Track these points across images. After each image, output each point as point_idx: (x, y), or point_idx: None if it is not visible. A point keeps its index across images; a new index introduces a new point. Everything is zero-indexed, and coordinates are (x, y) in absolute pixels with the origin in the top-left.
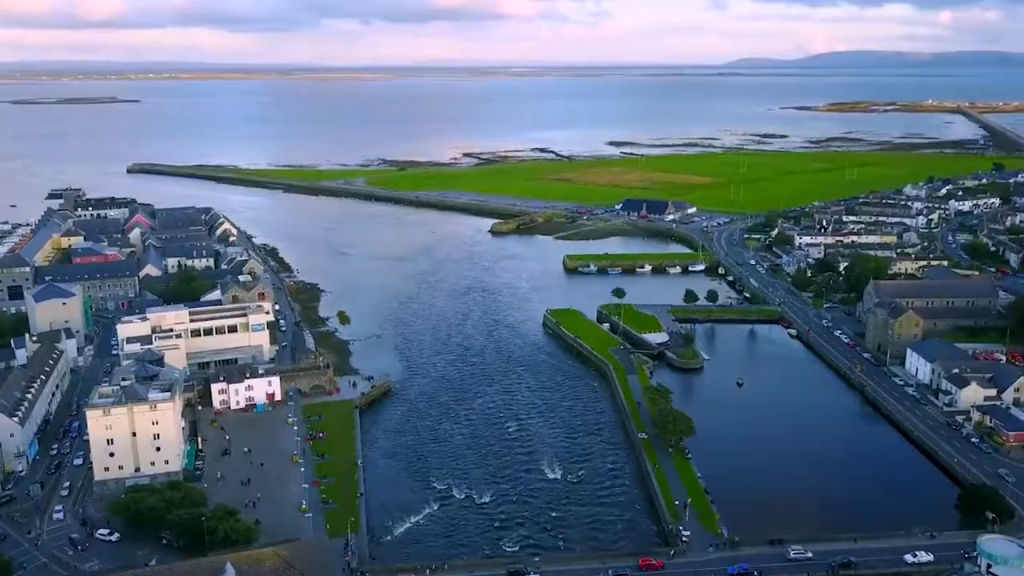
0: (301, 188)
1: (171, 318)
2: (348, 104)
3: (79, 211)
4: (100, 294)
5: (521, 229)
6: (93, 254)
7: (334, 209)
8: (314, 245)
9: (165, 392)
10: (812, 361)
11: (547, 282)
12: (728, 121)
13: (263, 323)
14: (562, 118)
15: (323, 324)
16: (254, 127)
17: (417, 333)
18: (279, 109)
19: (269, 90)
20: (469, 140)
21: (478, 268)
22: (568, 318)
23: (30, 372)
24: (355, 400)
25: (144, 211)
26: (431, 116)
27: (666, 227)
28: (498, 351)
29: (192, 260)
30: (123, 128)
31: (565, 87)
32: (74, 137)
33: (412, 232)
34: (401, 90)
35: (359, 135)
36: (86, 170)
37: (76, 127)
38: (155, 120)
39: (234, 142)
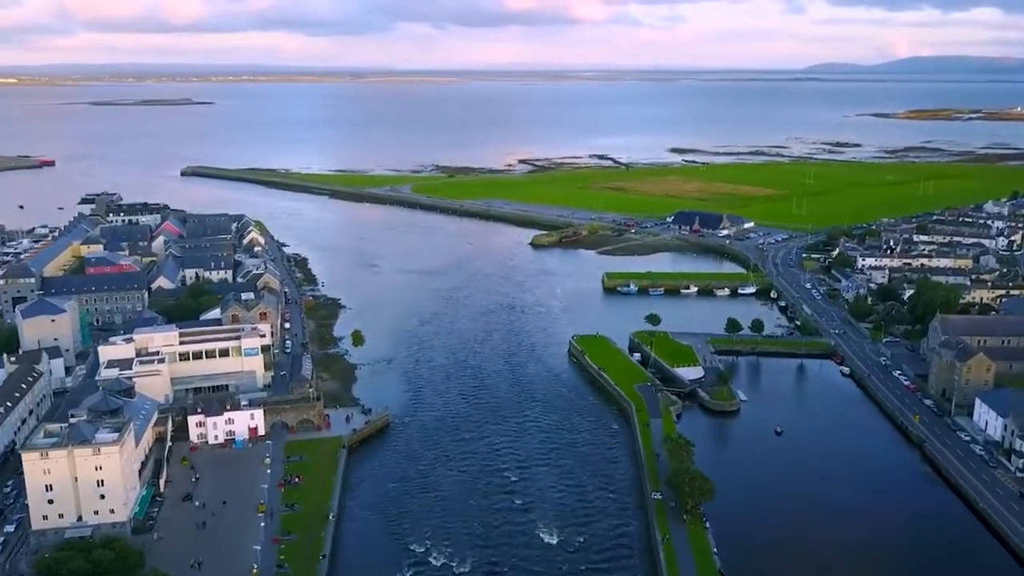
0: (347, 195)
1: (159, 340)
2: (414, 107)
3: (111, 216)
4: (107, 307)
5: (563, 242)
6: (107, 264)
7: (375, 217)
8: (346, 256)
9: (113, 433)
10: (865, 406)
11: (582, 302)
12: (800, 128)
13: (257, 347)
14: (626, 123)
15: (335, 344)
16: (317, 130)
17: (431, 356)
18: (345, 112)
19: (340, 93)
20: (527, 146)
21: (510, 284)
22: (594, 346)
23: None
24: (345, 437)
25: (176, 217)
26: (494, 120)
27: (719, 243)
28: (514, 381)
29: (210, 272)
30: (191, 130)
31: (635, 91)
32: (142, 139)
33: (449, 243)
34: (470, 94)
35: (418, 139)
36: (143, 172)
37: (147, 128)
38: (223, 122)
39: (294, 145)
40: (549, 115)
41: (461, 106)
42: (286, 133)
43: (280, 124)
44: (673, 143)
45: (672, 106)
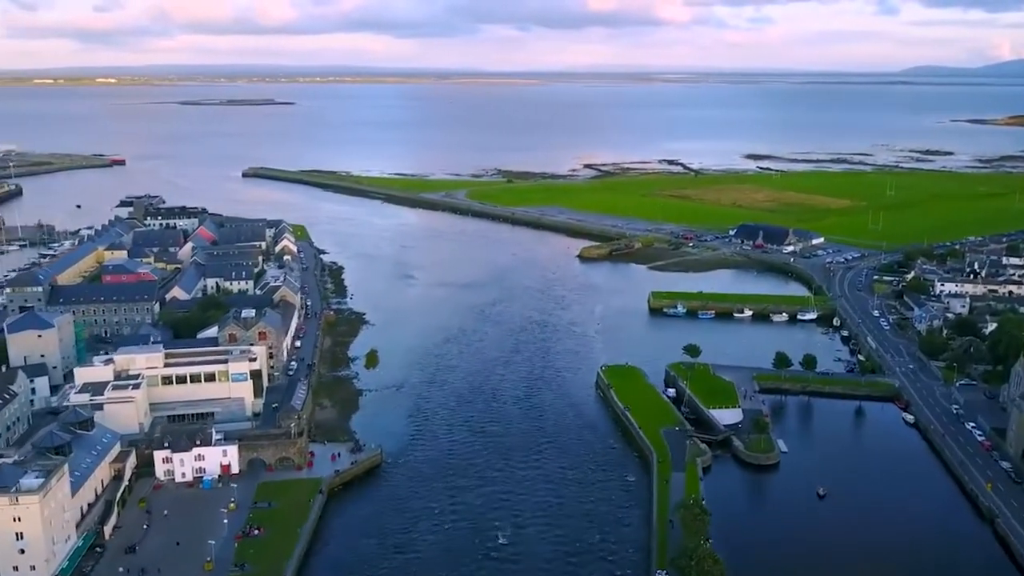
0: (401, 199)
1: (141, 361)
2: (491, 109)
3: (148, 220)
4: (115, 319)
5: (613, 255)
6: (123, 272)
7: (424, 224)
8: (384, 265)
9: (37, 480)
10: (930, 464)
11: (623, 323)
12: (887, 135)
13: (245, 372)
14: (703, 127)
15: (346, 366)
16: (389, 131)
17: (447, 381)
18: (422, 113)
19: (421, 94)
20: (596, 150)
21: (549, 299)
22: (624, 379)
23: None
24: (325, 480)
25: (213, 222)
26: (567, 123)
27: (783, 261)
28: (530, 415)
29: (230, 282)
30: (266, 130)
31: (718, 94)
32: (216, 138)
33: (493, 253)
34: (550, 96)
35: (487, 142)
36: (206, 173)
37: (224, 128)
38: (299, 123)
39: (362, 146)
40: (625, 118)
41: (538, 108)
42: (357, 134)
43: (354, 125)
44: (749, 149)
45: (754, 110)
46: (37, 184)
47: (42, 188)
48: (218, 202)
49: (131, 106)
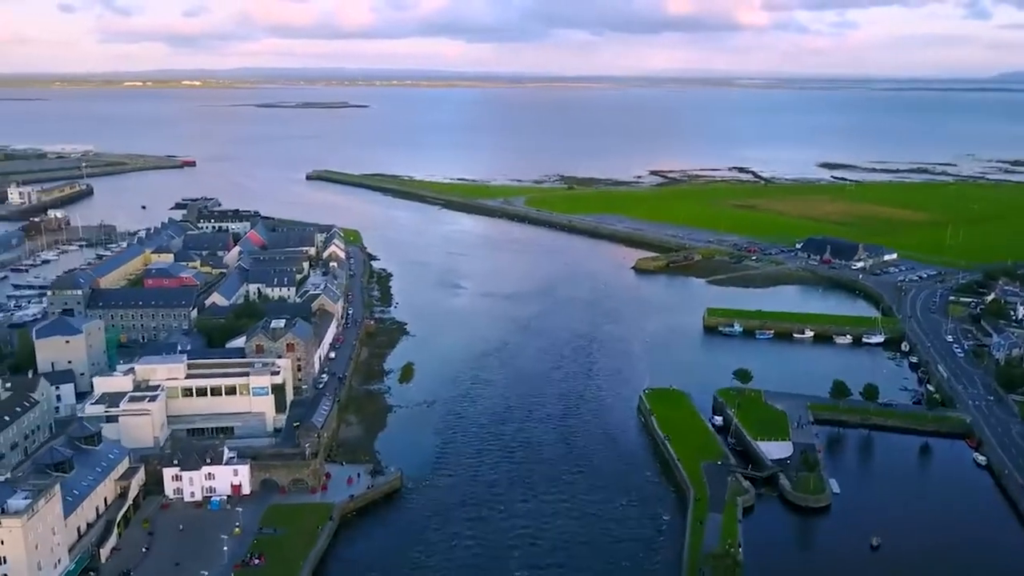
0: (459, 205)
1: (162, 372)
2: (561, 114)
3: (201, 223)
4: (153, 324)
5: (671, 267)
6: (166, 276)
7: (480, 231)
8: (432, 273)
9: (24, 501)
10: (1001, 513)
11: (673, 342)
12: (974, 144)
13: (266, 386)
14: (779, 134)
15: (380, 379)
16: (456, 135)
17: (481, 398)
18: (492, 118)
19: (494, 99)
20: (664, 156)
21: (598, 313)
22: (667, 403)
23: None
24: (337, 506)
25: (265, 226)
26: (637, 128)
27: (851, 278)
28: (565, 440)
29: (272, 288)
30: (337, 133)
31: (797, 101)
32: (286, 141)
33: (545, 262)
34: (623, 100)
35: (552, 146)
36: (271, 175)
37: (296, 131)
38: (371, 126)
39: (428, 150)
40: (699, 123)
41: (609, 113)
42: (425, 138)
43: (424, 129)
44: (825, 157)
45: (833, 117)
46: (108, 184)
47: (113, 188)
48: (278, 205)
49: (211, 108)
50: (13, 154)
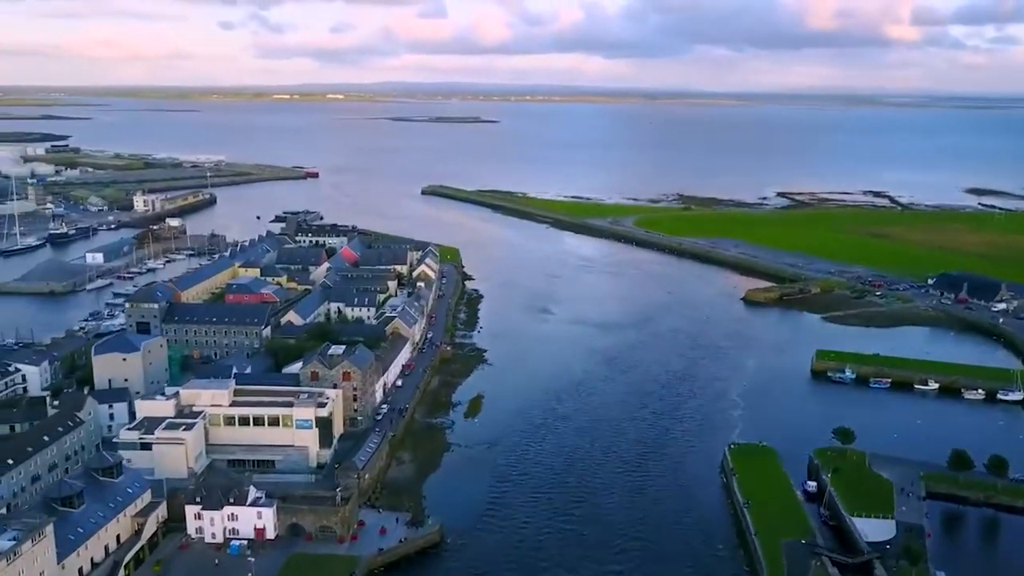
0: (566, 224)
1: (206, 397)
2: (693, 130)
3: (299, 237)
4: (225, 341)
5: (784, 300)
6: (246, 292)
7: (584, 252)
8: (524, 296)
9: (6, 543)
10: None
11: (774, 387)
12: None
13: (310, 419)
14: (924, 156)
15: (445, 413)
16: (581, 151)
17: (547, 441)
18: (621, 134)
19: (627, 114)
20: (794, 176)
21: (696, 348)
22: (753, 463)
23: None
24: (363, 560)
25: (361, 241)
26: (772, 146)
27: (990, 320)
28: (631, 499)
29: (352, 308)
30: (462, 148)
31: (949, 120)
32: (412, 154)
33: (646, 288)
34: (762, 118)
35: (677, 163)
36: (387, 188)
37: (424, 144)
38: (497, 141)
39: (547, 166)
40: (837, 143)
41: (742, 130)
42: (548, 154)
43: (549, 145)
44: (973, 182)
45: (987, 138)
46: (232, 194)
47: (235, 198)
48: (385, 220)
49: (348, 121)
50: (153, 163)
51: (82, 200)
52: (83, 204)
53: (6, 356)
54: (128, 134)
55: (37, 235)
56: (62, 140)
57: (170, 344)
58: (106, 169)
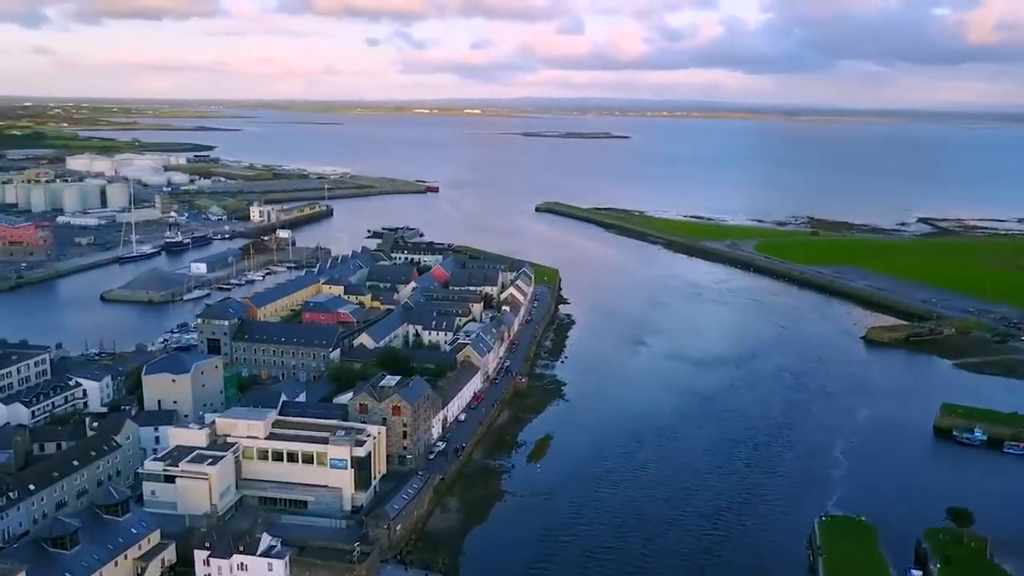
0: (681, 246)
1: (241, 428)
2: (835, 149)
3: (395, 254)
4: (292, 362)
5: (911, 341)
6: (322, 311)
7: (694, 277)
8: (620, 325)
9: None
10: None
11: (886, 445)
12: None
13: (345, 458)
14: None
15: (507, 454)
16: (710, 169)
17: (615, 495)
18: (756, 151)
19: (766, 131)
20: (939, 201)
21: (802, 392)
22: (846, 541)
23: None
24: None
25: (456, 260)
26: (918, 168)
27: None
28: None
29: (429, 332)
30: (587, 163)
31: None
32: (532, 169)
33: (757, 321)
34: (912, 136)
35: (810, 184)
36: (502, 204)
37: (551, 159)
38: (625, 157)
39: (671, 183)
40: (993, 164)
41: (888, 149)
42: (673, 171)
43: (676, 161)
44: None
45: None
46: (349, 206)
47: (352, 210)
48: (491, 236)
49: (480, 135)
50: (281, 173)
51: (204, 209)
52: (205, 213)
53: (75, 369)
54: (269, 145)
55: (153, 243)
56: (207, 150)
57: (238, 363)
58: (236, 179)
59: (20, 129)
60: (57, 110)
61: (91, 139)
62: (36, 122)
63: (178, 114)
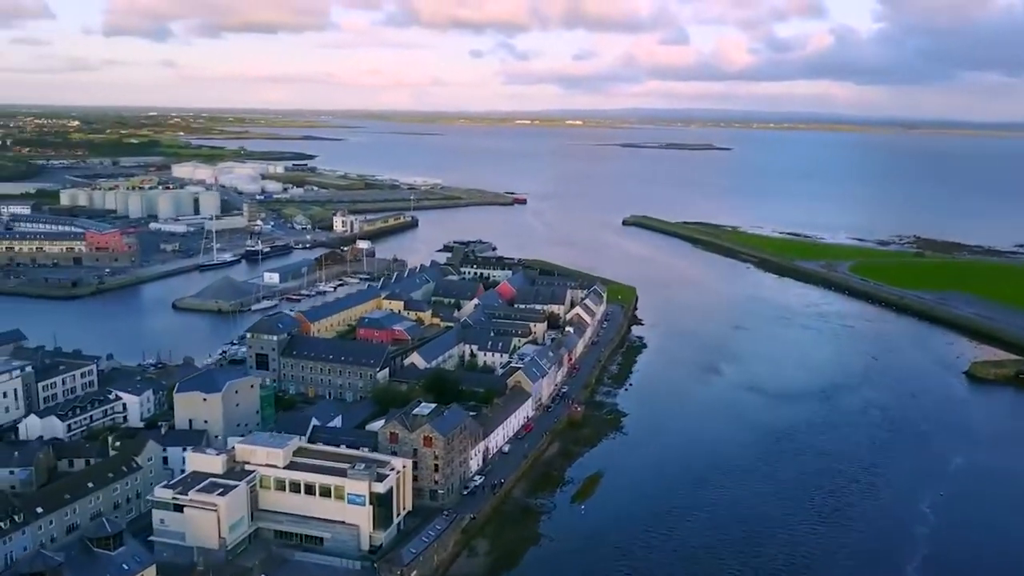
0: (772, 265)
1: (261, 455)
2: (951, 164)
3: (464, 268)
4: (339, 381)
5: (1022, 378)
6: (376, 327)
7: (783, 299)
8: (695, 349)
9: None
10: None
11: (982, 503)
12: None
13: (363, 494)
14: None
15: (551, 491)
16: (815, 183)
17: (659, 548)
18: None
19: (876, 145)
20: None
21: (890, 433)
22: None
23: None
24: None
25: (526, 276)
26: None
27: None
28: None
29: (484, 352)
30: (685, 175)
31: None
32: (624, 181)
33: (847, 352)
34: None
35: (920, 202)
36: (588, 217)
37: (645, 171)
38: (724, 169)
39: (768, 198)
40: None
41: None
42: (776, 185)
43: (778, 174)
44: None
45: None
46: (436, 217)
47: (438, 222)
48: (573, 250)
49: (579, 146)
50: (372, 183)
51: (290, 218)
52: (290, 222)
53: (121, 381)
54: (368, 155)
55: (235, 251)
56: (307, 159)
57: (285, 380)
58: (329, 188)
59: (138, 138)
60: (176, 119)
61: (201, 147)
62: (155, 131)
63: (288, 124)
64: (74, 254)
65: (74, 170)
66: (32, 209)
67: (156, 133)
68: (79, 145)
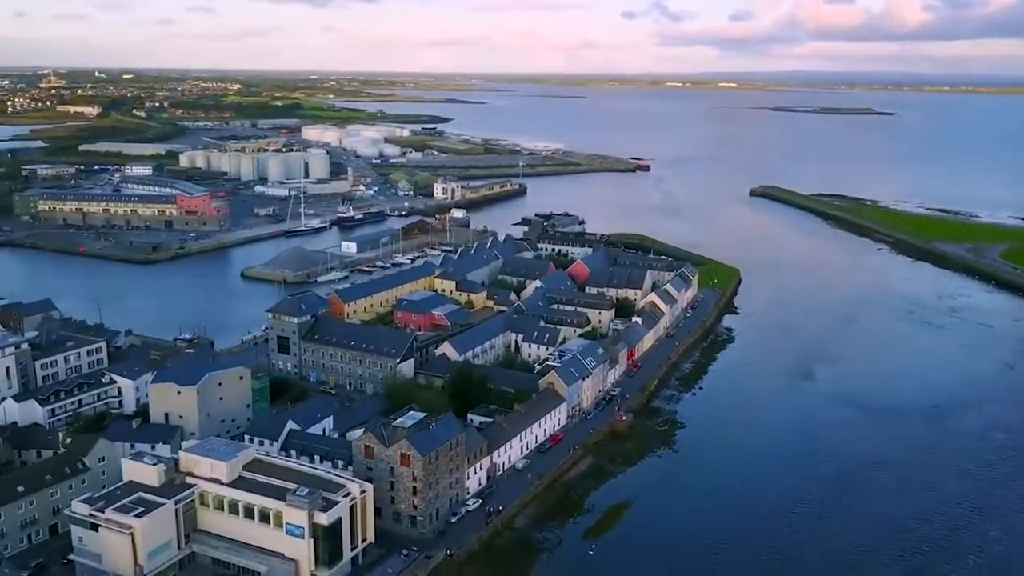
0: (908, 247)
1: (205, 467)
2: None
3: (541, 244)
4: (359, 371)
5: None
6: (415, 311)
7: (911, 288)
8: (790, 347)
9: None
10: None
11: None
12: None
13: (302, 525)
14: None
15: (564, 522)
16: (979, 155)
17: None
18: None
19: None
20: None
21: (1011, 462)
22: None
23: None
24: None
25: (607, 255)
26: None
27: None
28: None
29: (529, 344)
30: (833, 142)
31: None
32: (763, 147)
33: (978, 357)
34: None
35: None
36: (712, 186)
37: (789, 136)
38: (882, 135)
39: (927, 167)
40: None
41: None
42: (936, 154)
43: (947, 142)
44: None
45: None
46: (547, 184)
47: (548, 189)
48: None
49: (727, 109)
50: (493, 148)
51: (395, 183)
52: (394, 188)
53: (129, 362)
54: (505, 119)
55: (325, 218)
56: (440, 123)
57: (306, 367)
58: (448, 153)
59: (285, 101)
60: (332, 83)
61: (342, 110)
62: (306, 94)
63: (437, 87)
64: (165, 217)
65: (213, 131)
66: (153, 171)
67: (307, 96)
68: (229, 107)
